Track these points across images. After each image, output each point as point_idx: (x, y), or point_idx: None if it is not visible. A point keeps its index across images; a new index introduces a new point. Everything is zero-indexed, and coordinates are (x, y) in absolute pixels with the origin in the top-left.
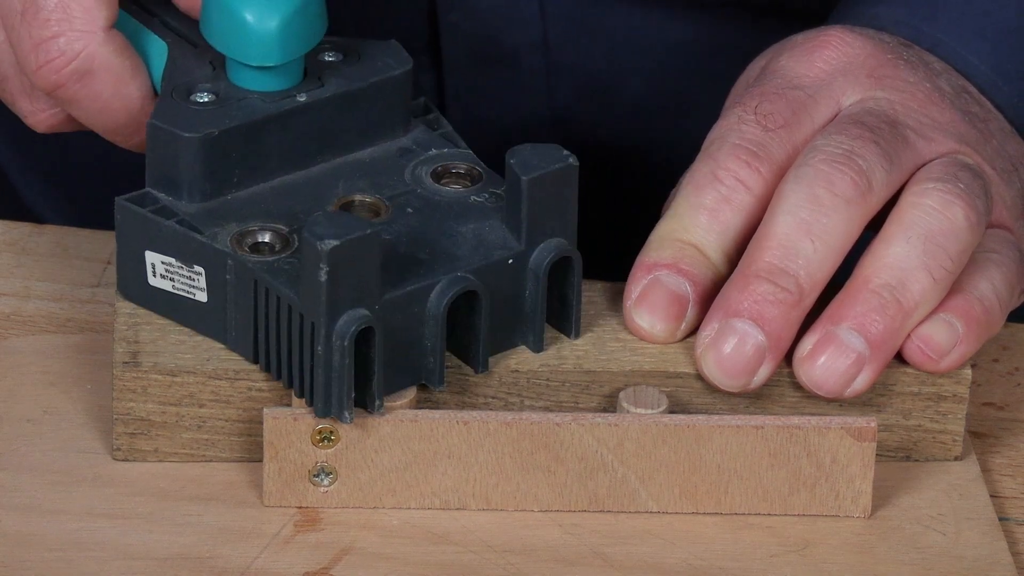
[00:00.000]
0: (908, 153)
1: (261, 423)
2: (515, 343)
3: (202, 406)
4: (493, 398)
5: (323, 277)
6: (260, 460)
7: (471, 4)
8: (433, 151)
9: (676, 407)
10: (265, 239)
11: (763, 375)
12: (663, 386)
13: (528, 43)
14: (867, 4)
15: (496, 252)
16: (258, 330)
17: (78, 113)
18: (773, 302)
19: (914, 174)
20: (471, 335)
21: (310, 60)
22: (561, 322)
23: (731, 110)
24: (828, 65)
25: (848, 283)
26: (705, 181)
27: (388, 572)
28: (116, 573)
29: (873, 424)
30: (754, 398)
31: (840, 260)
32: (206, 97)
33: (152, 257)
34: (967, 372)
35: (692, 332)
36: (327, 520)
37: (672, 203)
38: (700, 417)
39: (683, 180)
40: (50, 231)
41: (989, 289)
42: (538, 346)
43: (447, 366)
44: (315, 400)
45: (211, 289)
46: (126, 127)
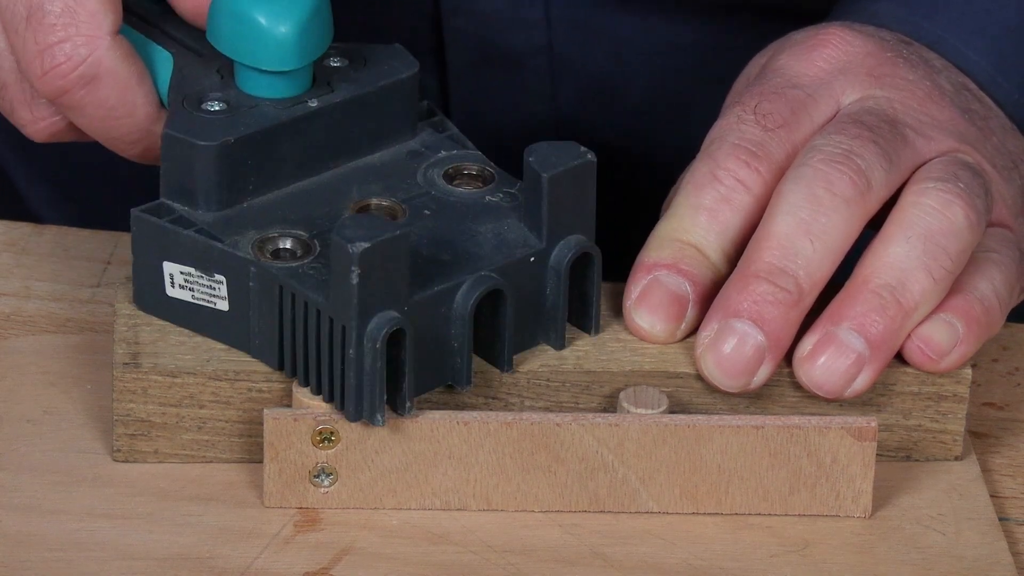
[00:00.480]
0: (907, 152)
1: (261, 424)
2: (536, 341)
3: (202, 407)
4: (493, 398)
5: (355, 279)
6: (260, 461)
7: (475, 8)
8: (443, 153)
9: (676, 407)
10: (286, 245)
11: (763, 375)
12: (663, 386)
13: (532, 46)
14: (867, 0)
15: (518, 251)
16: (283, 336)
17: (81, 120)
18: (772, 302)
19: (914, 173)
20: (495, 335)
21: (317, 66)
22: (581, 319)
23: (730, 109)
24: (827, 64)
25: (848, 283)
26: (704, 181)
27: (388, 572)
28: (116, 573)
29: (873, 424)
30: (754, 398)
31: (839, 259)
32: (217, 106)
33: (170, 268)
34: (967, 372)
35: (692, 332)
36: (327, 520)
37: (672, 203)
38: (700, 417)
39: (682, 179)
40: (50, 231)
41: (989, 289)
42: (560, 343)
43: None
44: (346, 404)
45: (233, 297)
46: (129, 135)
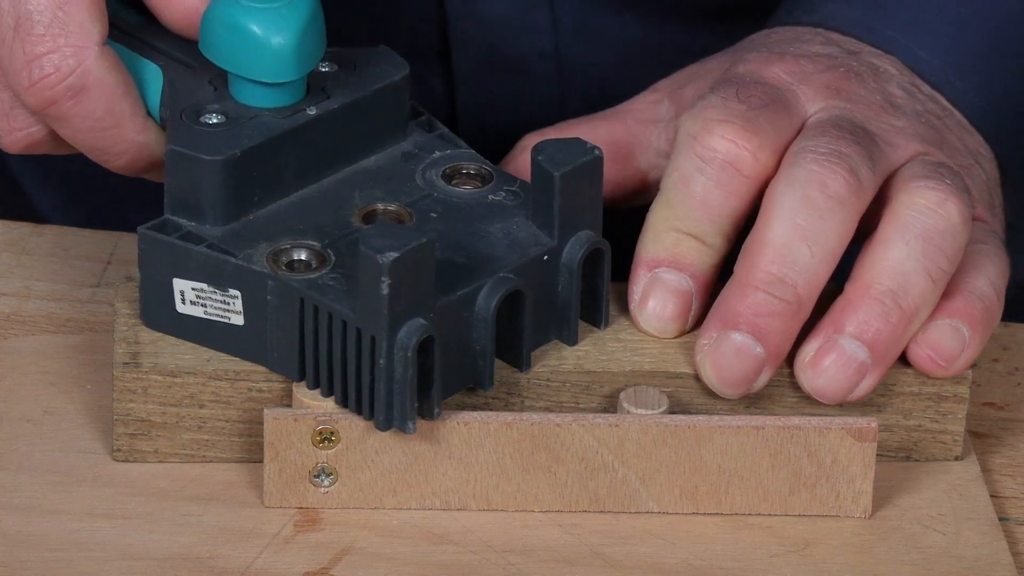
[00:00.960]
0: (881, 156)
1: (261, 424)
2: (548, 338)
3: (202, 407)
4: (493, 398)
5: (385, 290)
6: (260, 461)
7: (482, 14)
8: (437, 153)
9: (676, 407)
10: (301, 256)
11: (762, 381)
12: (663, 386)
13: (539, 51)
14: (820, 1)
15: (531, 249)
16: (305, 348)
17: (67, 132)
18: (772, 314)
19: (895, 175)
20: (513, 334)
21: (310, 73)
22: (591, 314)
23: (709, 95)
24: (787, 75)
25: (848, 286)
26: (692, 165)
27: (388, 572)
28: (116, 573)
29: (873, 424)
30: (754, 398)
31: (837, 262)
32: (215, 118)
33: (181, 284)
34: (967, 372)
35: (700, 320)
36: (327, 520)
37: (663, 186)
38: (700, 418)
39: (671, 162)
40: (50, 231)
41: (987, 284)
42: (572, 339)
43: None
44: (376, 413)
45: (248, 312)
46: (115, 146)
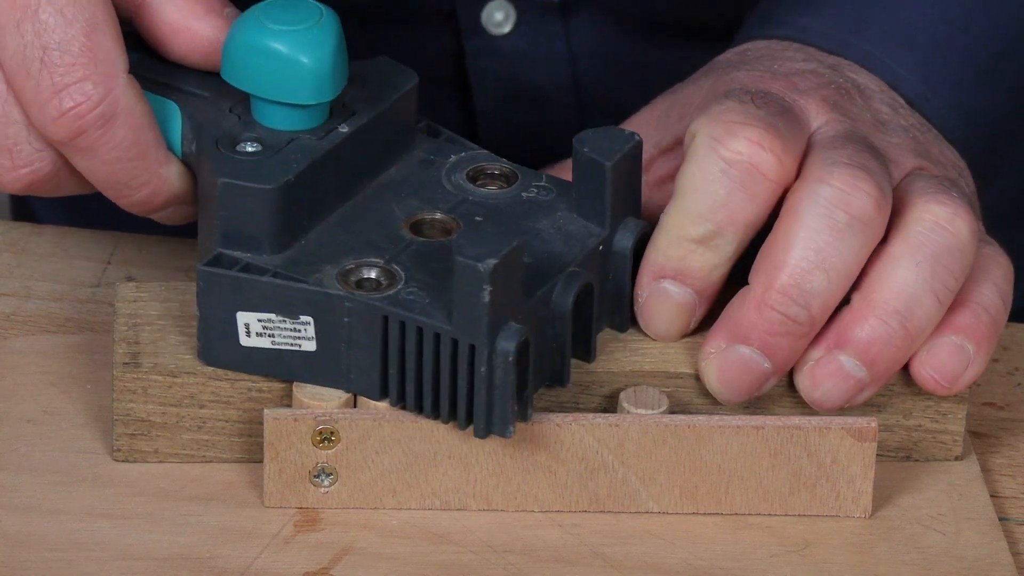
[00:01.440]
0: (889, 170)
1: (261, 424)
2: (601, 327)
3: (202, 407)
4: None
5: (486, 297)
6: (260, 461)
7: (499, 48)
8: (453, 157)
9: (676, 407)
10: (371, 275)
11: (765, 389)
12: (663, 386)
13: (557, 82)
14: (795, 12)
15: (588, 241)
16: (388, 366)
17: (90, 164)
18: (783, 334)
19: (899, 188)
20: (580, 327)
21: None
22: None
23: (726, 100)
24: (787, 89)
25: (855, 297)
26: (716, 167)
27: (388, 572)
28: (116, 573)
29: (873, 424)
30: (754, 399)
31: (853, 280)
32: (252, 147)
33: (246, 317)
34: None
35: (702, 323)
36: (327, 520)
37: (681, 188)
38: (700, 418)
39: (689, 165)
40: (50, 231)
41: (994, 293)
42: (625, 326)
43: None
44: (475, 420)
45: (321, 336)
46: (138, 178)
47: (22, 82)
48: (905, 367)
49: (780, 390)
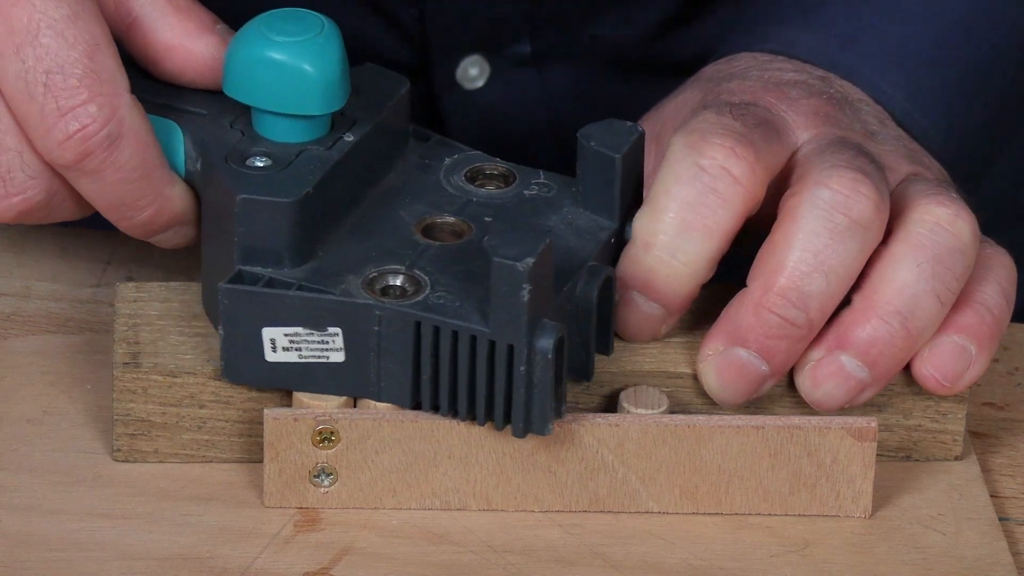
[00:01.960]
0: (886, 175)
1: (261, 424)
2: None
3: (202, 407)
4: None
5: (525, 296)
6: (260, 461)
7: (475, 102)
8: (447, 160)
9: (676, 407)
10: (396, 282)
11: (763, 391)
12: (663, 386)
13: (535, 127)
14: (783, 26)
15: (600, 234)
16: (421, 372)
17: (95, 187)
18: (781, 336)
19: (896, 192)
20: (600, 320)
21: None
22: None
23: (703, 112)
24: (775, 100)
25: (856, 298)
26: (689, 172)
27: (388, 572)
28: (116, 573)
29: (873, 424)
30: (754, 399)
31: (852, 283)
32: (262, 161)
33: (271, 333)
34: None
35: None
36: (327, 520)
37: (653, 193)
38: (700, 417)
39: (662, 171)
40: (50, 231)
41: (997, 292)
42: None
43: None
44: (514, 420)
45: (350, 347)
46: (142, 198)
47: (25, 107)
48: (906, 367)
49: (780, 390)
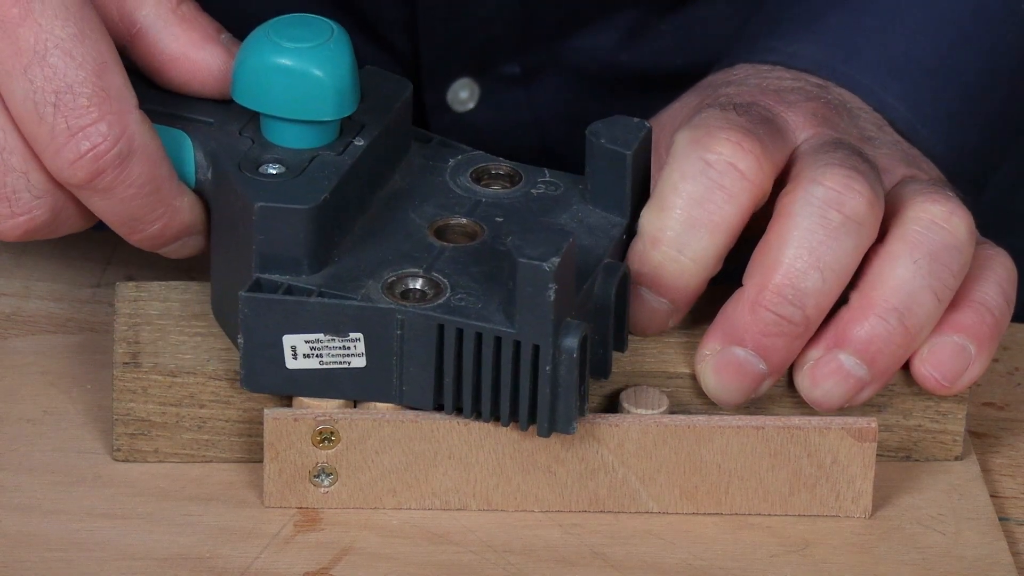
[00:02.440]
0: (881, 176)
1: (261, 424)
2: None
3: (202, 407)
4: None
5: (552, 297)
6: (260, 461)
7: (465, 124)
8: (451, 161)
9: (676, 407)
10: (416, 285)
11: (762, 390)
12: (663, 386)
13: (526, 147)
14: (783, 39)
15: (613, 231)
16: (444, 374)
17: (106, 203)
18: (778, 334)
19: (892, 192)
20: (616, 317)
21: None
22: None
23: (707, 109)
24: (773, 102)
25: (853, 296)
26: (695, 168)
27: (388, 572)
28: (116, 573)
29: (873, 424)
30: (754, 399)
31: (848, 280)
32: (275, 168)
33: (292, 340)
34: None
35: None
36: (327, 520)
37: (659, 189)
38: (700, 418)
39: (668, 166)
40: None
41: (997, 292)
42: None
43: None
44: (539, 420)
45: (372, 352)
46: (153, 212)
47: (34, 128)
48: (906, 366)
49: (780, 390)
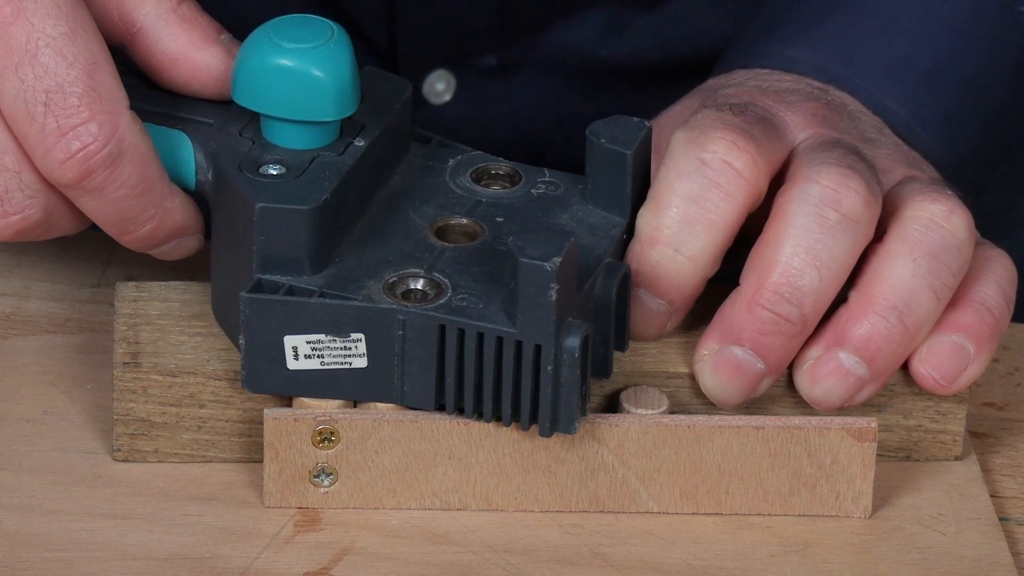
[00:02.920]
0: (879, 177)
1: (261, 424)
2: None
3: (202, 407)
4: None
5: (553, 296)
6: (260, 461)
7: (441, 117)
8: (451, 161)
9: (676, 407)
10: (417, 286)
11: (761, 390)
12: (663, 386)
13: (503, 142)
14: (782, 44)
15: (612, 231)
16: (445, 375)
17: (96, 204)
18: (775, 333)
19: (892, 192)
20: (617, 316)
21: None
22: None
23: (703, 111)
24: (771, 102)
25: (852, 295)
26: (691, 166)
27: (388, 572)
28: (116, 573)
29: (873, 424)
30: (754, 399)
31: (845, 279)
32: (275, 169)
33: (293, 341)
34: None
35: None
36: (327, 520)
37: (655, 189)
38: (700, 418)
39: (664, 166)
40: None
41: (997, 292)
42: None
43: None
44: (541, 420)
45: (373, 352)
46: (143, 213)
47: (25, 127)
48: (905, 366)
49: (780, 390)
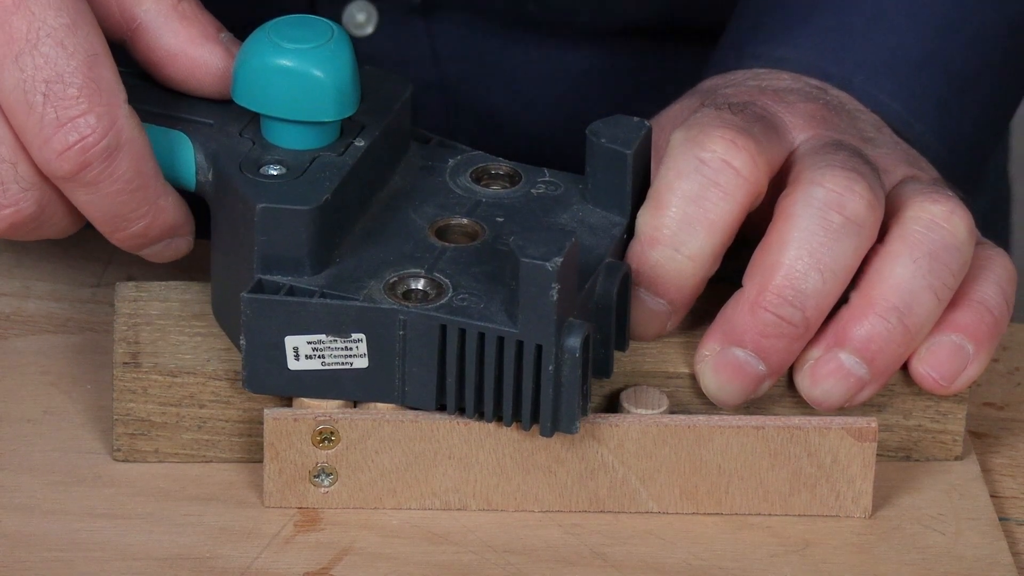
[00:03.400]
0: (881, 177)
1: (261, 424)
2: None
3: (202, 407)
4: None
5: (555, 296)
6: (260, 461)
7: (362, 51)
8: (450, 161)
9: (677, 407)
10: (418, 286)
11: (762, 391)
12: (663, 386)
13: (423, 83)
14: (771, 44)
15: (612, 230)
16: (446, 375)
17: (90, 198)
18: (777, 335)
19: (893, 192)
20: (618, 316)
21: None
22: None
23: (703, 109)
24: (771, 102)
25: (853, 296)
26: (690, 165)
27: (388, 572)
28: (116, 573)
29: (873, 424)
30: (754, 399)
31: (848, 281)
32: (276, 169)
33: (294, 341)
34: None
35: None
36: (327, 520)
37: (655, 188)
38: (701, 418)
39: (663, 165)
40: None
41: (996, 292)
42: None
43: None
44: (542, 420)
45: (374, 352)
46: (137, 209)
47: (23, 117)
48: (904, 366)
49: (780, 390)
